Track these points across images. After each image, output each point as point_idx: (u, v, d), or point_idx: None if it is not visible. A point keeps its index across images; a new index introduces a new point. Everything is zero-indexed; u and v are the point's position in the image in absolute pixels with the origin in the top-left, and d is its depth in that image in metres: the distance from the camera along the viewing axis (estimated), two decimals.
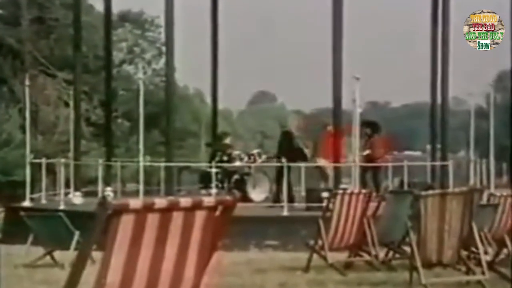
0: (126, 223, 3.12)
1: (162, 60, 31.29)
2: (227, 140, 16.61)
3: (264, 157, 15.78)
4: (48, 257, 10.33)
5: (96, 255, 3.30)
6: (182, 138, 34.39)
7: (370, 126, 15.71)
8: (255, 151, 16.01)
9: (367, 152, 15.37)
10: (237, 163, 15.62)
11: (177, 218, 3.29)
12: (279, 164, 14.42)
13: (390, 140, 16.10)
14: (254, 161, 15.47)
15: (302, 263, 9.06)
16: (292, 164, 14.37)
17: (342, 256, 9.42)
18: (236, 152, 15.92)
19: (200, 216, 3.37)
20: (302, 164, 15.34)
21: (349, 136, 14.62)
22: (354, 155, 14.66)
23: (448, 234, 7.41)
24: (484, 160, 15.80)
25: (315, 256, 9.04)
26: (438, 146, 17.24)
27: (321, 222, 9.04)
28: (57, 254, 10.28)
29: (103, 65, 20.40)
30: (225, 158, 15.78)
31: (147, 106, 22.61)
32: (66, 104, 24.00)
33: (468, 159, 16.29)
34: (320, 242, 9.02)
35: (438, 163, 16.59)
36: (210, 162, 15.92)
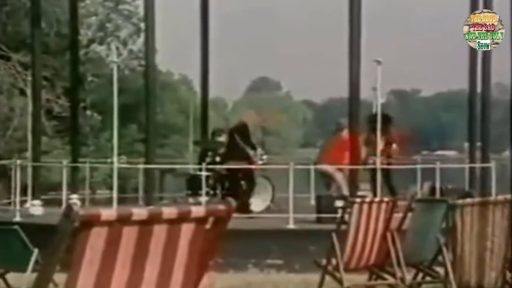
0: (97, 238, 3.12)
1: (141, 40, 31.28)
2: (221, 138, 16.62)
3: (265, 157, 15.80)
4: (0, 281, 10.31)
5: (60, 277, 3.30)
6: (166, 134, 34.43)
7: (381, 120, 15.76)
8: (256, 150, 16.00)
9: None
10: (233, 165, 15.62)
11: (159, 232, 3.29)
12: (284, 167, 14.43)
13: (409, 135, 16.18)
14: (254, 162, 15.49)
15: (312, 286, 9.05)
16: (297, 167, 14.39)
17: (361, 278, 9.43)
18: None
19: (187, 230, 3.37)
20: (311, 166, 15.36)
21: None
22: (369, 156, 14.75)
23: (491, 252, 7.42)
24: None
25: (327, 278, 9.05)
26: (478, 144, 17.24)
27: (334, 237, 9.04)
28: (11, 276, 10.27)
29: (68, 45, 20.37)
30: (218, 159, 15.79)
31: (123, 95, 22.62)
32: (23, 93, 23.99)
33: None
34: (333, 261, 9.03)
35: (477, 165, 16.58)
36: (199, 163, 15.92)
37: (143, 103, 16.31)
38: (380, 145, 14.77)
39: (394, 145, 15.60)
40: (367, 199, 9.73)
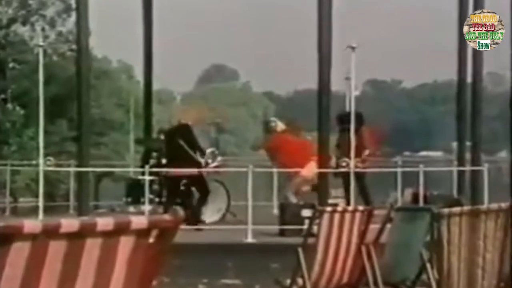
0: (18, 253, 3.10)
1: (72, 19, 31.07)
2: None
3: (219, 158, 15.82)
4: None
5: None
6: (102, 131, 34.25)
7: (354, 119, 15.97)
8: (207, 151, 16.01)
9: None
10: (181, 168, 15.63)
11: (93, 246, 3.27)
12: (242, 170, 14.46)
13: (383, 134, 16.35)
14: (206, 164, 15.50)
15: None
16: (257, 170, 14.42)
17: None
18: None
19: (126, 244, 3.36)
20: (274, 169, 15.41)
21: None
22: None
23: (482, 269, 7.49)
24: None
25: None
26: (468, 143, 17.41)
27: (301, 252, 9.08)
28: None
29: None
30: (163, 160, 15.78)
31: (50, 85, 22.50)
32: None
33: (511, 161, 16.47)
34: (300, 281, 9.06)
35: (467, 168, 16.74)
36: (142, 166, 15.90)
37: (75, 94, 16.24)
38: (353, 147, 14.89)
39: (366, 151, 15.68)
40: (339, 208, 9.78)
